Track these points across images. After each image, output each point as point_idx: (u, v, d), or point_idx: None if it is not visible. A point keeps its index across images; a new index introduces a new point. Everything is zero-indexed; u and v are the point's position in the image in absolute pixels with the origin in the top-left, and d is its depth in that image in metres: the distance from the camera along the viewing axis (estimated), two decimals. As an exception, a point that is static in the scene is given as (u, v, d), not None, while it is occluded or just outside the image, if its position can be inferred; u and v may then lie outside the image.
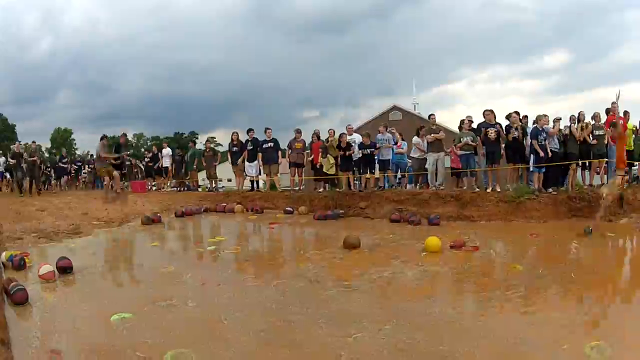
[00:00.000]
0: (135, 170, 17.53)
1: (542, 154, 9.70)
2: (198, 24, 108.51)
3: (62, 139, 56.78)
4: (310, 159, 12.50)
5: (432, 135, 10.69)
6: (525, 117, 10.71)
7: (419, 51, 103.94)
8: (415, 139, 11.39)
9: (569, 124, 10.41)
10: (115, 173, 11.82)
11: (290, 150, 12.49)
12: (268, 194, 12.51)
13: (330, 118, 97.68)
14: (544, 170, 9.98)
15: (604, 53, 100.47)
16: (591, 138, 10.17)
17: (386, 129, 11.98)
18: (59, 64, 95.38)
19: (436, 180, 10.83)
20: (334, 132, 12.08)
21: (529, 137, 10.08)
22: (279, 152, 12.81)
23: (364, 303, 4.57)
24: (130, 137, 61.42)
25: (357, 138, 12.07)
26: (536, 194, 9.65)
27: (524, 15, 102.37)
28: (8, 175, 16.01)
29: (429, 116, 11.96)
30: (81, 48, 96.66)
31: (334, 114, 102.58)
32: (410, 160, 11.83)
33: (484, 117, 10.42)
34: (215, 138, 52.68)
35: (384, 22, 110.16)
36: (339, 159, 11.76)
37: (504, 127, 10.27)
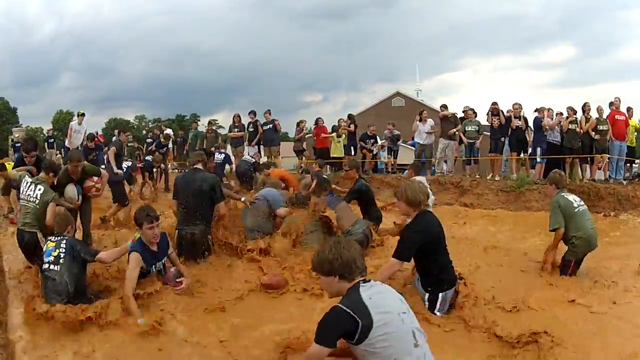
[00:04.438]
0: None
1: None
2: (202, 7, 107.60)
3: (63, 121, 56.41)
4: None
5: (456, 129, 10.86)
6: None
7: (422, 39, 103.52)
8: (418, 125, 11.42)
9: (568, 117, 10.34)
10: None
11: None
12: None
13: (332, 102, 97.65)
14: (545, 161, 10.00)
15: (608, 50, 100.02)
16: (594, 133, 10.04)
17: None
18: (61, 47, 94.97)
19: (445, 166, 11.01)
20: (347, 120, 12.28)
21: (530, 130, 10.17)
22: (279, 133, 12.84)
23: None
24: (132, 119, 61.60)
25: None
26: (537, 182, 9.69)
27: (529, 7, 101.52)
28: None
29: (441, 106, 11.95)
30: (84, 31, 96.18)
31: (336, 98, 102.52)
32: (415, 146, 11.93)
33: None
34: (217, 120, 52.52)
35: (387, 9, 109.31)
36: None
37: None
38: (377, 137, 12.91)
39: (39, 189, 4.85)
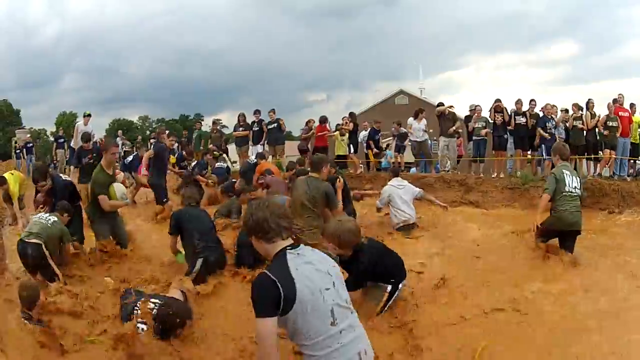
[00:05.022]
0: None
1: (548, 137, 9.81)
2: (206, 6, 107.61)
3: (67, 122, 56.57)
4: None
5: (455, 127, 10.94)
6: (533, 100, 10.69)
7: (425, 37, 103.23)
8: (410, 119, 11.40)
9: (573, 113, 10.33)
10: None
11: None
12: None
13: (336, 101, 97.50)
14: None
15: (611, 46, 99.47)
16: (603, 129, 9.93)
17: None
18: (65, 49, 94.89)
19: (448, 165, 11.03)
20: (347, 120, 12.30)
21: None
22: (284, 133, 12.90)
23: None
24: (135, 119, 61.69)
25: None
26: (542, 179, 9.71)
27: (531, 5, 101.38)
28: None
29: (438, 104, 11.94)
30: (88, 32, 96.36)
31: (340, 97, 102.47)
32: (411, 144, 11.87)
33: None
34: (221, 120, 52.47)
35: (391, 7, 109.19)
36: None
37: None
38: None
39: (53, 217, 5.06)
